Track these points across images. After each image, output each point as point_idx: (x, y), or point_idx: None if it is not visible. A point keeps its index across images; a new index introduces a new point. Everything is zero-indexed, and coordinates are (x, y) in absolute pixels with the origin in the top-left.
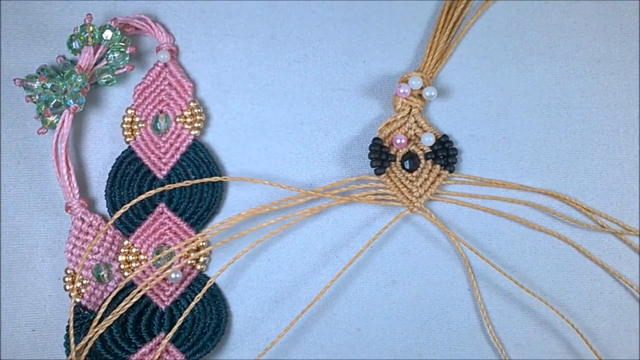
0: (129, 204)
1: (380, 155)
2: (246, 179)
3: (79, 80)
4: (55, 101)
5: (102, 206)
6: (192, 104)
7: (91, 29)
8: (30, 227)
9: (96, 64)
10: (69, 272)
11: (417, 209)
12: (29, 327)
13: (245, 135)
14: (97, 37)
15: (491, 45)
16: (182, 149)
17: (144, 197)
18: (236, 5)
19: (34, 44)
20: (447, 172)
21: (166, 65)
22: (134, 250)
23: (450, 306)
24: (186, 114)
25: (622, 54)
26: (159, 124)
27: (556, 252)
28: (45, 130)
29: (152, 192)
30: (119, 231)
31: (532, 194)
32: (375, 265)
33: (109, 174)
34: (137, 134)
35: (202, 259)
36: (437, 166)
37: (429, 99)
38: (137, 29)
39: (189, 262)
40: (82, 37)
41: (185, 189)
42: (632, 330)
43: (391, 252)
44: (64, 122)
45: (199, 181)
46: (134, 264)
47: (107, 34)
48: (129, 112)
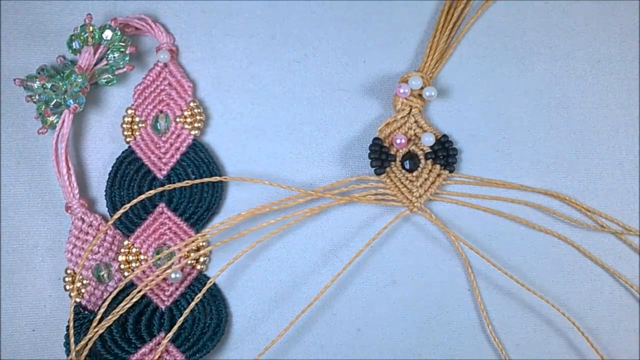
0: (129, 204)
1: (380, 155)
2: (246, 179)
3: (79, 80)
4: (55, 101)
5: (102, 206)
6: (192, 104)
7: (91, 29)
8: (30, 227)
9: (96, 64)
10: (69, 272)
11: (417, 209)
12: (29, 327)
13: (245, 135)
14: (97, 37)
15: (491, 45)
16: (182, 149)
17: (144, 197)
18: (236, 5)
19: (34, 44)
20: (447, 172)
21: (166, 65)
22: (134, 250)
23: (450, 306)
24: (186, 114)
25: (622, 54)
26: (159, 124)
27: (556, 252)
28: (45, 130)
29: (152, 192)
30: (119, 231)
31: (532, 194)
32: (375, 265)
33: (109, 174)
34: (137, 134)
35: (202, 259)
36: (437, 166)
37: (429, 99)
38: (137, 29)
39: (189, 262)
40: (82, 37)
41: (185, 189)
42: (632, 330)
43: (391, 252)
44: (64, 122)
45: (199, 181)
46: (134, 264)
47: (107, 34)
48: (129, 112)
